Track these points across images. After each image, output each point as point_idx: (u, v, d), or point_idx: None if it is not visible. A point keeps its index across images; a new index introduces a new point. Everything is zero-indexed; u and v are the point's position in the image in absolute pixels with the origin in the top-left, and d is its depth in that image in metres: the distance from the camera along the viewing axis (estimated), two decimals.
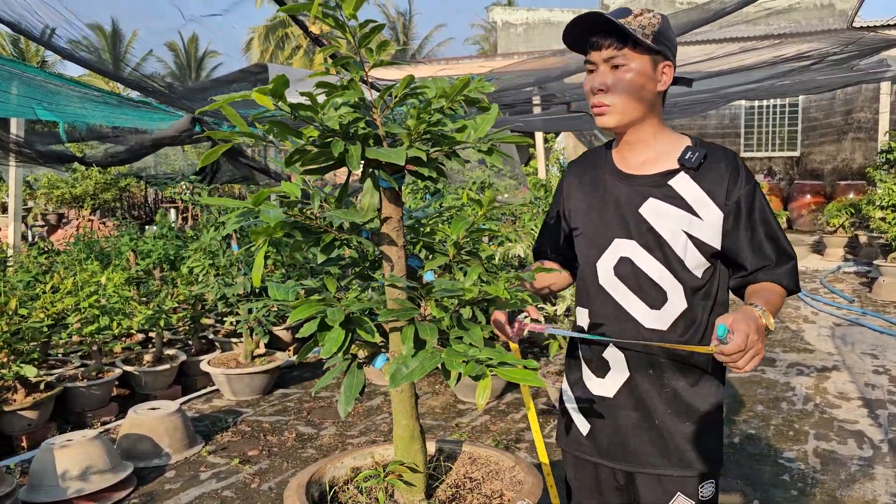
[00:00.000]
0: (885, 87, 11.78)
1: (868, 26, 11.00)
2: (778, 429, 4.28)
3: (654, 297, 1.65)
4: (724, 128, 17.53)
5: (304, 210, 1.40)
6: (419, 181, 1.48)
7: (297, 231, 1.41)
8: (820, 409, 4.63)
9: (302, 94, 1.27)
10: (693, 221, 1.62)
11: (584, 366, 1.76)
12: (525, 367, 1.24)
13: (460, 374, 1.37)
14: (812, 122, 16.72)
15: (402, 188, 1.50)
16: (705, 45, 8.88)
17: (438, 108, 1.38)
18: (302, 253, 1.48)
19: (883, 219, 8.58)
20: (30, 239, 13.29)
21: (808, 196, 15.03)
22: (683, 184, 1.64)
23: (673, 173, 1.65)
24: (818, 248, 12.15)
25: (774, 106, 16.93)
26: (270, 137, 1.35)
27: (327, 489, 1.69)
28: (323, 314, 1.50)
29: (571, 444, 1.80)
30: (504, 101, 7.72)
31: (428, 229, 1.63)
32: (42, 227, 15.82)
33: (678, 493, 1.65)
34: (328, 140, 1.35)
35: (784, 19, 15.99)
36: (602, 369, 1.72)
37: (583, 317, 1.76)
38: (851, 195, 13.64)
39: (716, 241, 1.63)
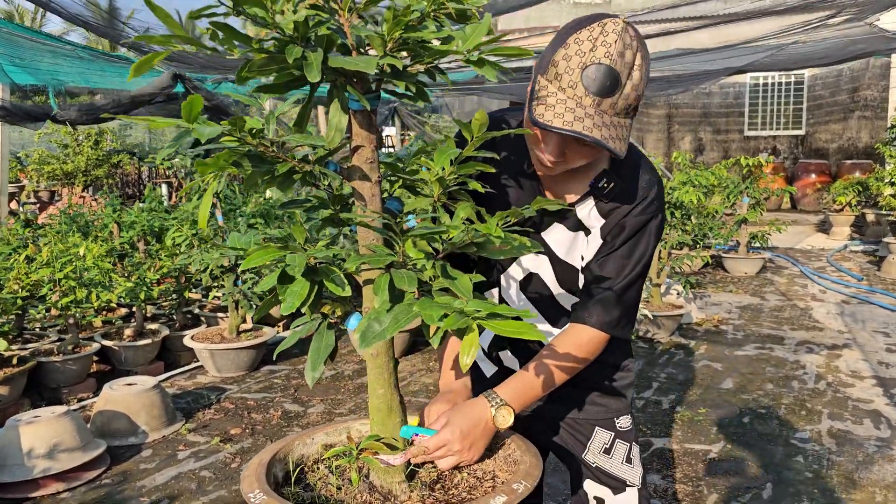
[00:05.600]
0: (895, 60, 11.48)
1: None
2: (789, 408, 4.07)
3: (553, 314, 1.64)
4: (728, 106, 17.23)
5: (256, 135, 1.16)
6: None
7: (247, 159, 1.17)
8: (833, 387, 4.41)
9: None
10: (589, 247, 1.55)
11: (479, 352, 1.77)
12: (518, 319, 1.00)
13: (445, 332, 1.14)
14: (817, 100, 16.42)
15: (376, 112, 1.25)
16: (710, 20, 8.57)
17: (419, 10, 1.14)
18: (259, 191, 1.24)
19: (893, 195, 8.33)
20: (21, 216, 13.04)
21: (813, 175, 14.78)
22: (587, 211, 1.52)
23: (583, 198, 1.51)
24: (823, 228, 11.92)
25: (779, 84, 16.61)
26: (214, 44, 1.10)
27: (292, 469, 1.47)
28: (283, 262, 1.27)
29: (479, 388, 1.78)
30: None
31: (410, 166, 1.39)
32: (34, 204, 15.57)
33: (596, 427, 1.70)
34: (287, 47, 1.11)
35: None
36: (496, 363, 1.75)
37: None
38: (857, 174, 13.38)
39: None
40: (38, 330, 5.07)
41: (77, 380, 4.43)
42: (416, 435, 1.38)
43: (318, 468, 1.50)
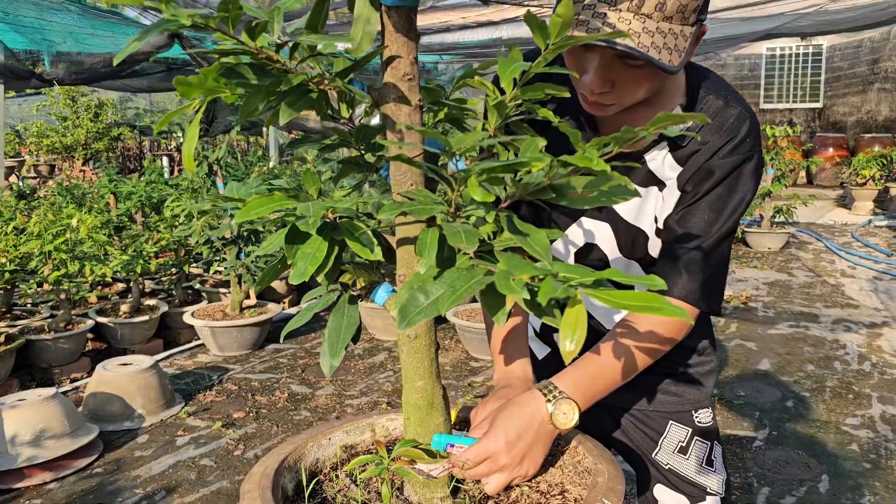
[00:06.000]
0: None
1: None
2: (835, 391, 3.77)
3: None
4: (744, 78, 16.75)
5: (258, 33, 0.84)
6: None
7: (246, 71, 0.86)
8: (879, 368, 4.11)
9: None
10: (665, 204, 1.23)
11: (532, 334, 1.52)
12: (650, 291, 0.69)
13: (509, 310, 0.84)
14: (836, 71, 15.94)
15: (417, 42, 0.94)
16: None
17: None
18: (259, 116, 0.93)
19: None
20: (14, 188, 12.74)
21: (831, 149, 14.35)
22: (661, 160, 1.20)
23: (654, 145, 1.21)
24: (844, 202, 11.57)
25: (797, 55, 16.13)
26: None
27: (304, 479, 1.17)
28: (293, 214, 0.97)
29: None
30: None
31: (455, 93, 1.07)
32: (34, 178, 15.28)
33: (669, 421, 1.42)
34: None
35: None
36: (549, 344, 1.50)
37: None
38: (877, 148, 12.97)
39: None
40: (29, 306, 4.79)
41: (70, 359, 4.15)
42: (452, 445, 1.06)
43: (336, 476, 1.21)
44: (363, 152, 1.07)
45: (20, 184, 14.34)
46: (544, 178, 0.85)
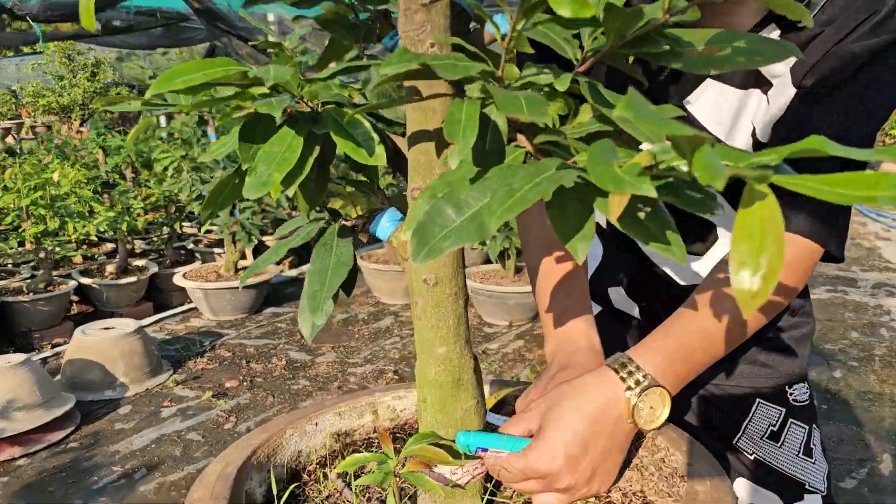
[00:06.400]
0: None
1: None
2: (885, 360, 3.44)
3: (697, 236, 0.99)
4: None
5: None
6: None
7: None
8: None
9: None
10: (770, 109, 0.87)
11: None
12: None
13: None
14: None
15: None
16: None
17: None
18: None
19: None
20: (18, 152, 12.43)
21: None
22: None
23: (756, 29, 0.85)
24: (870, 164, 11.16)
25: None
26: None
27: (274, 482, 0.85)
28: (247, 94, 0.63)
29: None
30: None
31: None
32: (32, 139, 14.96)
33: (757, 399, 1.09)
34: None
35: None
36: (601, 301, 1.17)
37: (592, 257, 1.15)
38: None
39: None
40: (10, 266, 4.48)
41: (52, 322, 3.86)
42: (485, 450, 0.73)
43: (324, 475, 0.89)
44: (359, 10, 0.72)
45: (18, 145, 14.01)
46: (660, 14, 0.50)
